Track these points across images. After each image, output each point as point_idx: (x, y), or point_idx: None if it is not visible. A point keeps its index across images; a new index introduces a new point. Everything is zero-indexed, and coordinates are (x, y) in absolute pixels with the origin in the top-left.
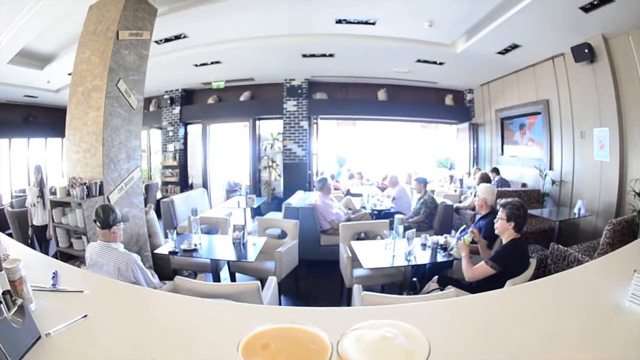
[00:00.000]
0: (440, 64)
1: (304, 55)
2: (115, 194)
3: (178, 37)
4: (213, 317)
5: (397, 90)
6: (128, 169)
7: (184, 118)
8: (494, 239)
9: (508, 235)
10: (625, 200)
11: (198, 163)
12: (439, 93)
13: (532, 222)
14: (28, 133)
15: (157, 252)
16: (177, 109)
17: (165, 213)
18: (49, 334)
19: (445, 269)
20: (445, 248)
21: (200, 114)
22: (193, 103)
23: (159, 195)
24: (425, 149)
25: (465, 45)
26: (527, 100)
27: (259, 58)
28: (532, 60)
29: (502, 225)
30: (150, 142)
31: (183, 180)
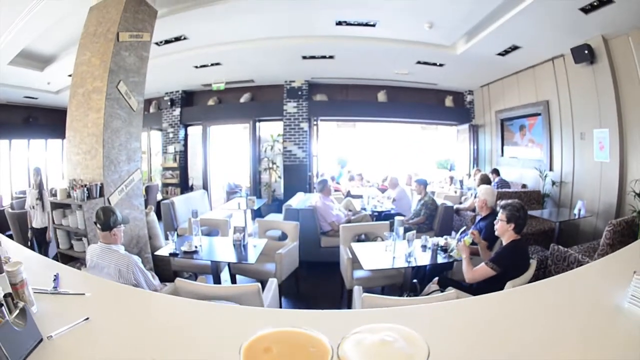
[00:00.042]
0: (440, 66)
1: (304, 57)
2: (116, 196)
3: (178, 38)
4: (214, 319)
5: (397, 92)
6: (128, 171)
7: (184, 120)
8: (494, 240)
9: (508, 237)
10: (625, 201)
11: (198, 165)
12: (439, 94)
13: (532, 223)
14: (28, 134)
15: (157, 254)
16: (177, 111)
17: (166, 215)
18: (51, 337)
19: (446, 271)
20: (446, 249)
21: (201, 116)
22: (193, 105)
23: (160, 197)
24: (426, 151)
25: (465, 47)
26: (527, 102)
27: (259, 60)
28: (532, 62)
29: (502, 227)
30: (151, 143)
31: (183, 182)
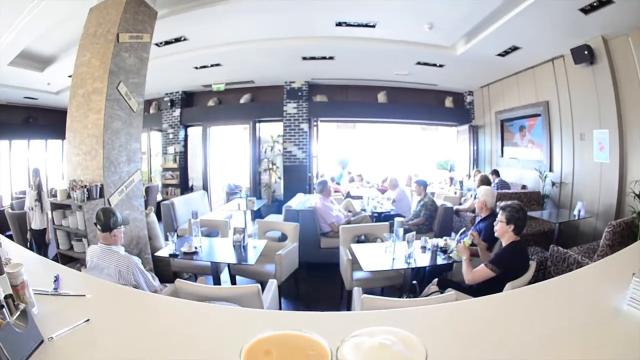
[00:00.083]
0: (440, 67)
1: (304, 58)
2: (116, 197)
3: (178, 39)
4: (214, 321)
5: (397, 93)
6: (128, 172)
7: (184, 120)
8: (494, 242)
9: (508, 238)
10: (625, 202)
11: (198, 165)
12: (439, 95)
13: (532, 224)
14: (28, 135)
15: (157, 254)
16: (177, 112)
17: (166, 215)
18: (52, 338)
19: (445, 272)
20: (445, 251)
21: (201, 117)
22: (193, 105)
23: (159, 198)
24: (425, 151)
25: (465, 48)
26: (526, 102)
27: (259, 60)
28: (531, 62)
29: (501, 228)
30: (151, 144)
31: (183, 183)
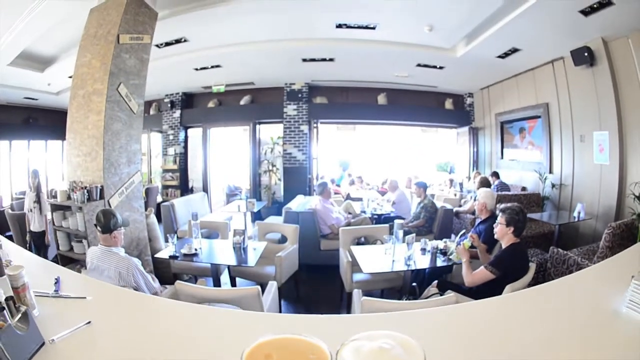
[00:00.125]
0: (440, 68)
1: (304, 60)
2: (116, 198)
3: (179, 40)
4: (215, 324)
5: (397, 95)
6: (129, 173)
7: (185, 122)
8: (494, 244)
9: (507, 240)
10: (625, 204)
11: (198, 167)
12: (439, 97)
13: (531, 225)
14: (28, 135)
15: (157, 256)
16: (177, 113)
17: (166, 217)
18: (53, 341)
19: (445, 274)
20: (445, 253)
21: (201, 118)
22: (193, 107)
23: (159, 199)
24: (425, 153)
25: (465, 50)
26: (526, 104)
27: (260, 62)
28: (531, 64)
29: (501, 230)
30: (151, 145)
31: (183, 184)
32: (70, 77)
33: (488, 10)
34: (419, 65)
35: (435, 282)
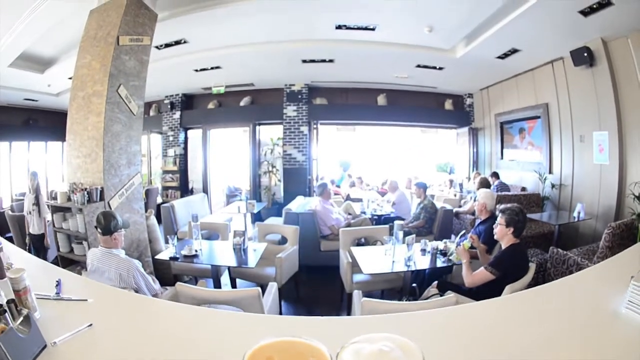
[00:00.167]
0: (440, 69)
1: (304, 61)
2: (116, 200)
3: (178, 42)
4: (216, 326)
5: (396, 95)
6: (129, 175)
7: (184, 123)
8: (494, 244)
9: (507, 241)
10: (625, 204)
11: (198, 168)
12: (439, 98)
13: (531, 226)
14: (28, 136)
15: (158, 257)
16: (177, 114)
17: (166, 218)
18: (55, 343)
19: (445, 274)
20: (445, 253)
21: (201, 119)
22: (193, 108)
23: (159, 200)
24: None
25: (465, 50)
26: (526, 105)
27: (259, 63)
28: (531, 65)
29: (501, 231)
30: (151, 146)
31: (183, 185)
32: (70, 78)
33: (488, 11)
34: (419, 66)
35: (435, 282)
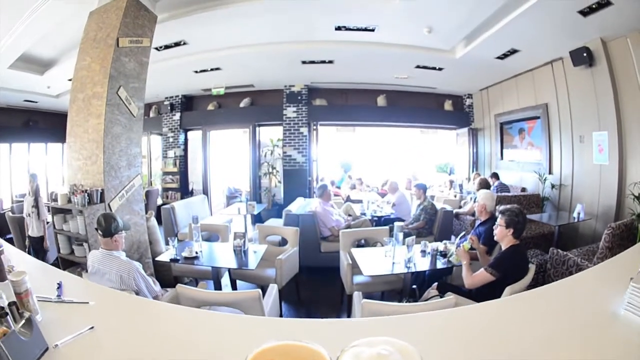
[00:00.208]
0: (440, 70)
1: (304, 62)
2: (117, 202)
3: (178, 43)
4: (217, 329)
5: (396, 96)
6: (129, 177)
7: (184, 124)
8: (494, 245)
9: (507, 242)
10: (625, 204)
11: (198, 169)
12: (438, 98)
13: (531, 226)
14: (28, 138)
15: (158, 259)
16: (177, 115)
17: (166, 220)
18: (57, 346)
19: (445, 276)
20: (445, 255)
21: (201, 120)
22: (193, 109)
23: (160, 202)
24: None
25: (464, 51)
26: (526, 105)
27: (259, 64)
28: (530, 65)
29: (501, 232)
30: (151, 148)
31: (183, 187)
32: (70, 80)
33: (487, 12)
34: (418, 67)
35: (435, 284)
